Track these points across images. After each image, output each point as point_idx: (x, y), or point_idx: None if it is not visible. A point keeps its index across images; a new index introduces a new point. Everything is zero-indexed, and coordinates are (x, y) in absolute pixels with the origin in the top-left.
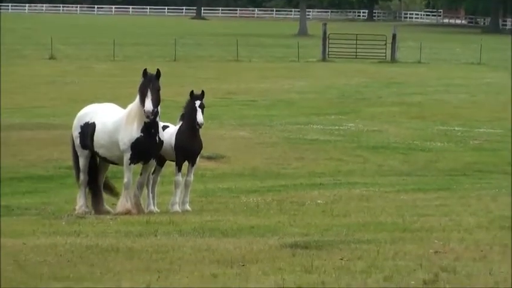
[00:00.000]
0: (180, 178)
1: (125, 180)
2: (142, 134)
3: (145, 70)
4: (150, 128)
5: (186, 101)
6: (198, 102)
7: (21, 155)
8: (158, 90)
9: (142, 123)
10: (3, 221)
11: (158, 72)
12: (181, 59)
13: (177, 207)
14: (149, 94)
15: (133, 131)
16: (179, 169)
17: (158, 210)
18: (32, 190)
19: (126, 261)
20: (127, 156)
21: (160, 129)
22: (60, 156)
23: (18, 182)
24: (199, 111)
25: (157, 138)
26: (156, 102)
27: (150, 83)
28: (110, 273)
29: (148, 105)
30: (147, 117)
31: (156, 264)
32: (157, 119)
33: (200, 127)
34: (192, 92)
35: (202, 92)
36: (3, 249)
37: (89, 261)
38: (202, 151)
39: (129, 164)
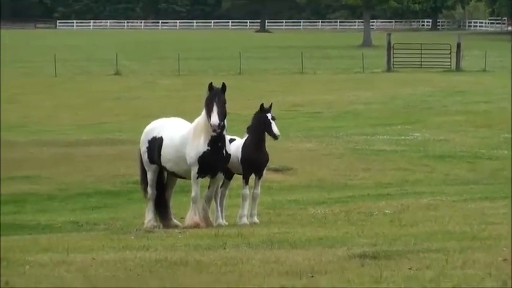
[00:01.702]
0: (247, 191)
1: (193, 194)
2: (209, 148)
3: (210, 84)
4: (217, 141)
5: (254, 114)
6: (269, 115)
7: (89, 171)
8: (224, 103)
9: (209, 137)
10: (72, 236)
11: (224, 85)
12: (246, 72)
13: (245, 220)
14: (215, 108)
15: (200, 145)
16: (246, 182)
17: (226, 223)
18: (101, 205)
19: (195, 275)
20: (194, 170)
21: (227, 142)
22: (127, 172)
23: (87, 198)
24: (273, 123)
25: (224, 152)
26: (222, 115)
27: (215, 97)
28: (179, 287)
29: (215, 119)
30: (214, 131)
31: (225, 277)
32: (224, 132)
33: (277, 139)
34: (262, 105)
35: (271, 104)
36: (73, 265)
37: (158, 275)
38: (269, 163)
39: (197, 178)
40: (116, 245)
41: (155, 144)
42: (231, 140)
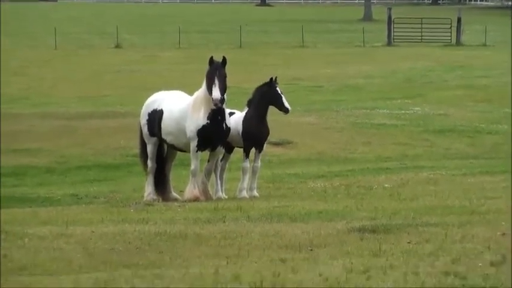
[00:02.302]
0: (247, 164)
1: (192, 167)
2: (208, 121)
3: (211, 58)
4: (216, 115)
5: (258, 87)
6: (279, 89)
7: (89, 144)
8: (225, 77)
9: (209, 111)
10: (72, 209)
11: (224, 59)
12: (246, 46)
13: (244, 194)
14: (216, 82)
15: (200, 119)
16: (247, 155)
17: (226, 197)
18: (100, 178)
19: (195, 248)
20: (194, 144)
21: (227, 116)
22: (127, 144)
23: (87, 171)
24: (284, 97)
25: (224, 125)
26: (223, 89)
27: (216, 71)
28: (178, 259)
29: (216, 93)
30: (215, 105)
31: (224, 250)
32: (224, 106)
33: (288, 112)
34: (271, 78)
35: (276, 78)
36: (72, 238)
37: (158, 248)
38: (269, 137)
39: (196, 152)
40: (115, 218)
41: (155, 116)
42: (231, 114)
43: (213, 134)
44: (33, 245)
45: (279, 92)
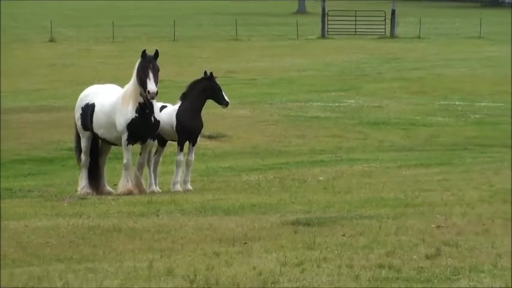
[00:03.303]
0: (181, 157)
1: (124, 161)
2: (137, 115)
3: (144, 51)
4: (144, 108)
5: (195, 81)
6: (218, 82)
7: (23, 138)
8: (158, 70)
9: (137, 104)
10: (5, 203)
11: (156, 53)
12: (180, 39)
13: (178, 187)
14: (151, 75)
15: (129, 112)
16: (181, 149)
17: (160, 190)
18: (34, 172)
19: (129, 241)
20: (124, 137)
21: (156, 109)
22: (61, 138)
23: (20, 165)
24: (222, 91)
25: (152, 119)
26: (157, 82)
27: (150, 64)
28: (112, 253)
29: (152, 86)
30: (152, 98)
31: (158, 243)
32: (153, 100)
33: (227, 106)
34: (211, 73)
35: (212, 72)
36: (6, 232)
37: (92, 241)
38: (203, 130)
39: (127, 145)
40: (49, 212)
41: (88, 110)
42: (163, 107)
43: (142, 127)
44: None
45: (219, 86)
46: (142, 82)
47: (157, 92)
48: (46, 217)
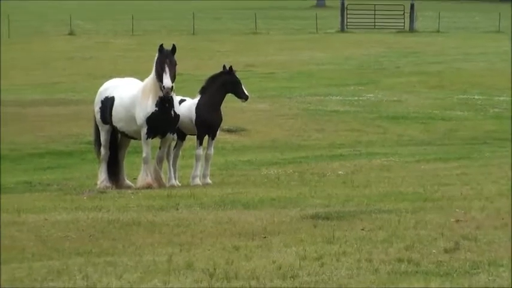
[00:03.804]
0: (200, 151)
1: (144, 154)
2: (157, 109)
3: (161, 46)
4: (164, 102)
5: (215, 75)
6: (238, 76)
7: (42, 131)
8: (175, 65)
9: (157, 98)
10: (25, 197)
11: (174, 47)
12: (199, 32)
13: (198, 181)
14: (167, 70)
15: (148, 106)
16: (200, 143)
17: (179, 184)
18: (53, 166)
19: (148, 235)
20: (143, 131)
21: (176, 103)
22: (80, 132)
23: (40, 158)
24: (242, 85)
25: (172, 113)
26: (174, 77)
27: (166, 59)
28: (132, 246)
29: (167, 81)
30: (167, 93)
31: (177, 237)
32: (173, 93)
33: (247, 99)
34: (230, 66)
35: (231, 66)
36: (25, 225)
37: (111, 235)
38: (222, 124)
39: (146, 139)
40: (68, 205)
41: (107, 104)
42: (182, 101)
43: (162, 121)
44: None
45: (239, 79)
46: (159, 76)
47: (172, 87)
48: (65, 211)
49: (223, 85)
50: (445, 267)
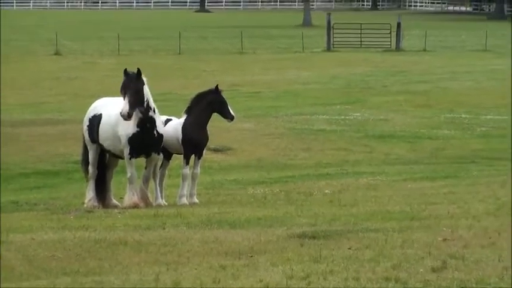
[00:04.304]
0: (187, 171)
1: (128, 174)
2: (138, 129)
3: (125, 70)
4: (145, 122)
5: (200, 94)
6: (224, 96)
7: (29, 151)
8: (137, 90)
9: (138, 119)
10: (11, 216)
11: (138, 71)
12: (185, 52)
13: (184, 200)
14: (126, 96)
15: (130, 127)
16: (187, 162)
17: (166, 203)
18: (40, 185)
19: (135, 255)
20: (126, 151)
21: (159, 123)
22: (67, 151)
23: (26, 178)
24: (229, 104)
25: (155, 133)
26: (134, 103)
27: (129, 84)
28: (118, 266)
29: (124, 108)
30: (124, 119)
31: (164, 257)
32: (153, 114)
33: (233, 120)
34: (217, 86)
35: (217, 85)
36: (12, 245)
37: (98, 255)
38: (208, 143)
39: (130, 159)
40: (55, 225)
41: (95, 122)
42: (168, 120)
43: (144, 141)
44: None
45: (225, 99)
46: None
47: (128, 113)
48: (52, 230)
49: (209, 104)
50: (432, 287)
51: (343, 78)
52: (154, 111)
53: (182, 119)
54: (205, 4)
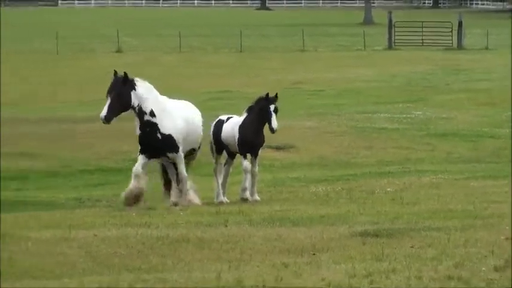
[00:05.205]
0: (248, 164)
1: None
2: (141, 132)
3: (115, 72)
4: (146, 127)
5: (258, 98)
6: (272, 107)
7: (92, 148)
8: (119, 94)
9: (139, 123)
10: (74, 213)
11: (125, 75)
12: (246, 50)
13: (247, 193)
14: (108, 100)
15: (137, 130)
16: (245, 156)
17: (228, 201)
18: (103, 182)
19: (197, 252)
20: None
21: (162, 125)
22: (129, 149)
23: (90, 175)
24: (274, 116)
25: (158, 135)
26: (114, 107)
27: (113, 87)
28: (181, 263)
29: (102, 112)
30: (103, 123)
31: (226, 254)
32: (151, 117)
33: (274, 132)
34: (267, 94)
35: (276, 95)
36: (75, 241)
37: (160, 252)
38: (270, 142)
39: (139, 154)
40: (117, 221)
41: None
42: (228, 118)
43: (147, 143)
44: (36, 249)
45: (271, 109)
46: None
47: (105, 117)
48: (115, 227)
49: (260, 110)
50: (495, 286)
51: (404, 77)
52: (152, 114)
53: (241, 118)
54: (266, 2)
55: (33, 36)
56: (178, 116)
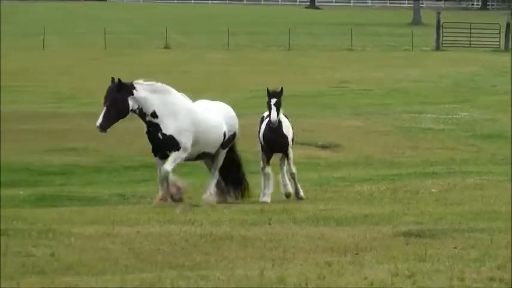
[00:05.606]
0: (265, 170)
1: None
2: (147, 132)
3: (112, 78)
4: (149, 127)
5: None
6: (273, 100)
7: (137, 144)
8: (115, 101)
9: (144, 124)
10: (118, 209)
11: (119, 81)
12: (295, 48)
13: (289, 188)
14: (104, 108)
15: (145, 130)
16: (267, 162)
17: (269, 201)
18: (147, 178)
19: (240, 250)
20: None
21: (164, 125)
22: None
23: (134, 171)
24: (274, 109)
25: (159, 136)
26: (110, 115)
27: (109, 94)
28: (224, 261)
29: (98, 120)
30: (99, 131)
31: (269, 252)
32: (153, 118)
33: (274, 126)
34: (267, 89)
35: (281, 89)
36: (118, 238)
37: (203, 249)
38: (317, 140)
39: (154, 157)
40: (161, 218)
41: None
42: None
43: (154, 143)
44: (80, 244)
45: (272, 103)
46: None
47: (100, 125)
48: (158, 223)
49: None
50: None
51: (451, 78)
52: (154, 115)
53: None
54: (316, 1)
55: (81, 31)
56: (186, 118)
